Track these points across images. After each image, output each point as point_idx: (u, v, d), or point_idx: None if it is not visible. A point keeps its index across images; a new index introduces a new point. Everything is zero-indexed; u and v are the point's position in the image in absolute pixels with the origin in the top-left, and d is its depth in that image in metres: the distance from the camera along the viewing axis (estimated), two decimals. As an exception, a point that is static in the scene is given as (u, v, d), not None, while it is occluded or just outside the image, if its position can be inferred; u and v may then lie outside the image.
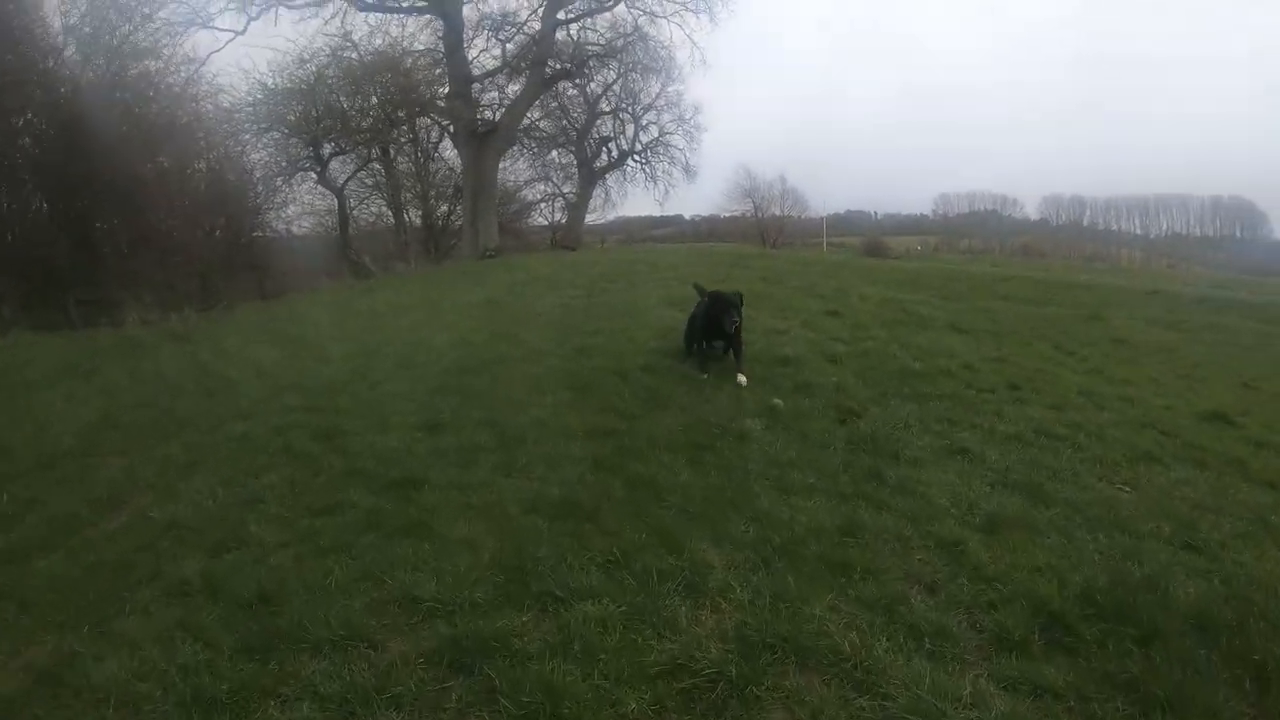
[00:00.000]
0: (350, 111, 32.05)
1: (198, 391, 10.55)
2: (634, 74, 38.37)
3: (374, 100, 32.24)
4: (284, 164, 31.25)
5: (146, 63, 24.00)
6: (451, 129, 34.26)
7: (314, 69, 30.80)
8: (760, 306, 13.05)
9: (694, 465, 6.39)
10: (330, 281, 27.30)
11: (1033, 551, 4.98)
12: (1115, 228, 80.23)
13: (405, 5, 32.60)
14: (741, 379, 8.77)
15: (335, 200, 33.66)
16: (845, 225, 76.31)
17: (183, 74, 25.34)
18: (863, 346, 11.01)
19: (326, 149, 31.76)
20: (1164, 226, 78.82)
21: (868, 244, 63.93)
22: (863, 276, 24.04)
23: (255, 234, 28.57)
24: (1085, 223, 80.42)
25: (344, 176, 34.17)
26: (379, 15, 32.61)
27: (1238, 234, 73.43)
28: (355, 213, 37.81)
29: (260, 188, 26.80)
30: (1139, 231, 79.25)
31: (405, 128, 35.73)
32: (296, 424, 7.92)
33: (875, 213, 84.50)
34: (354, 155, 33.63)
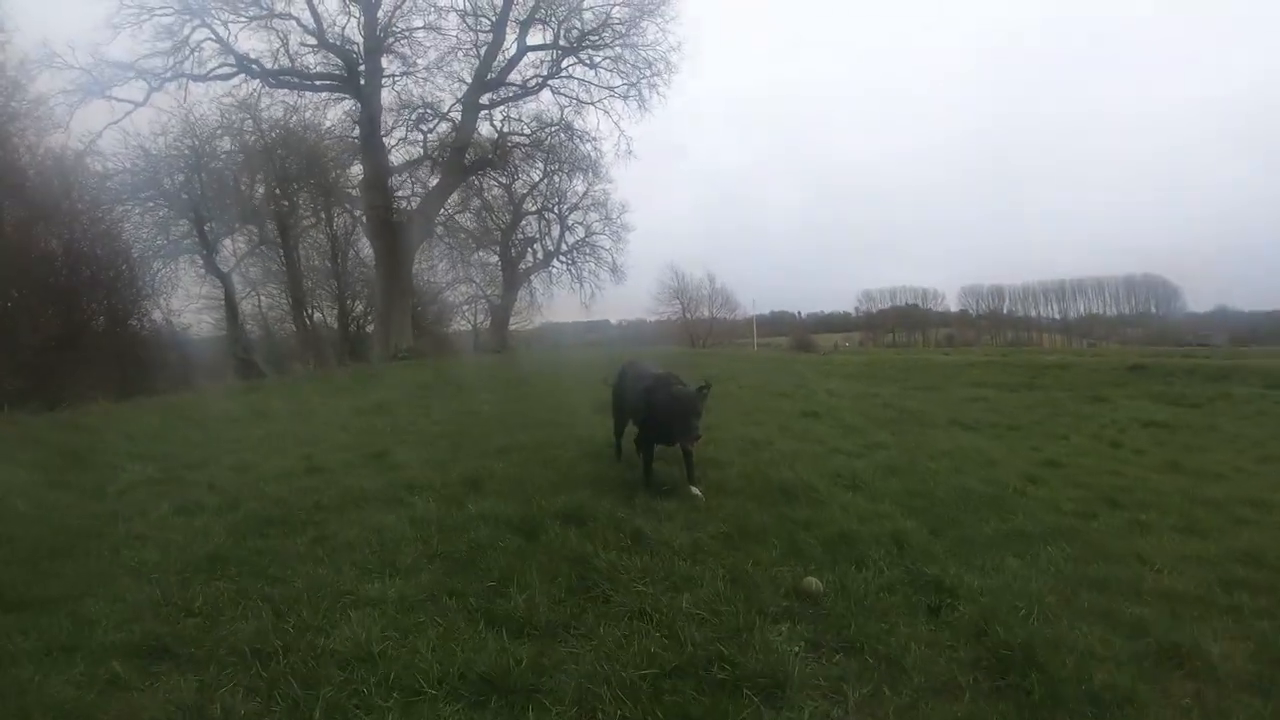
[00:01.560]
0: (240, 188, 27.93)
1: None
2: (560, 173, 35.92)
3: (271, 179, 28.13)
4: (163, 243, 26.73)
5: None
6: (365, 219, 30.50)
7: (203, 136, 26.81)
8: (719, 408, 9.71)
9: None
10: (212, 382, 22.77)
11: None
12: (1034, 313, 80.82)
13: (319, 84, 29.11)
14: (696, 492, 6.40)
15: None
16: (770, 325, 75.39)
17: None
18: (877, 459, 7.71)
19: (210, 228, 27.34)
20: (1081, 308, 79.57)
21: (796, 341, 62.85)
22: (815, 370, 21.32)
23: (130, 322, 23.93)
24: (1005, 310, 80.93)
25: (236, 264, 29.71)
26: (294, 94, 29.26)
27: (1153, 310, 74.28)
28: (261, 307, 33.60)
29: (127, 268, 22.26)
30: (1057, 316, 79.86)
31: (317, 216, 31.84)
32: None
33: (799, 312, 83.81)
34: (244, 237, 29.31)
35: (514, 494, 6.26)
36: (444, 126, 31.01)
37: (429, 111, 30.81)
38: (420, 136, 31.48)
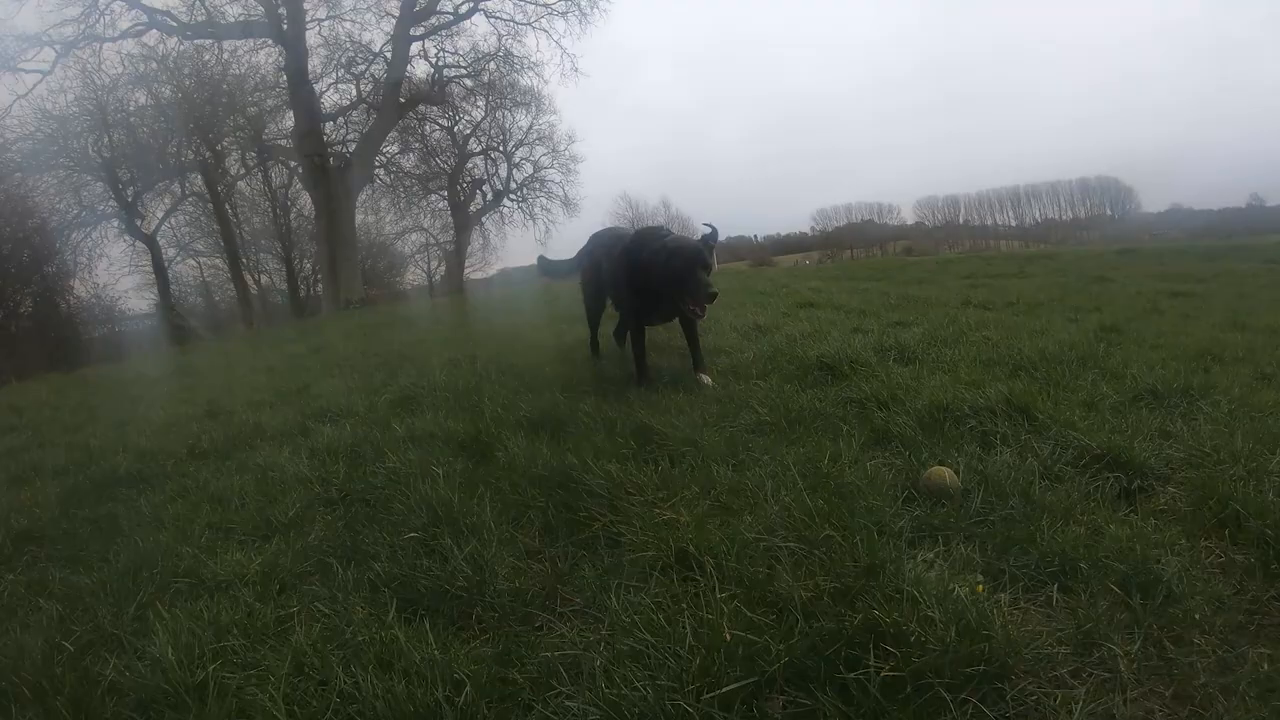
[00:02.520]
0: (155, 143, 25.10)
1: None
2: (503, 109, 33.21)
3: (190, 130, 25.31)
4: (79, 212, 23.97)
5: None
6: (300, 170, 27.86)
7: (105, 88, 23.94)
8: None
9: None
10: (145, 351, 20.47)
11: None
12: (990, 221, 79.22)
13: (240, 33, 26.16)
14: (706, 380, 4.78)
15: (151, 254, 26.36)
16: (727, 250, 73.27)
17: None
18: (914, 334, 6.10)
19: (130, 192, 24.57)
20: (1036, 214, 78.23)
21: (756, 263, 60.96)
22: (788, 275, 19.44)
23: (56, 300, 21.44)
24: (961, 220, 79.19)
25: (160, 223, 27.01)
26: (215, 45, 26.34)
27: (1109, 212, 73.12)
28: (203, 272, 30.99)
29: (39, 240, 19.67)
30: (1013, 223, 78.39)
31: (245, 167, 29.11)
32: None
33: (756, 236, 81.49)
34: (169, 196, 26.54)
35: (459, 407, 4.46)
36: (377, 67, 28.29)
37: (360, 53, 28.09)
38: (353, 80, 28.77)
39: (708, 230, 4.59)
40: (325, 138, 27.86)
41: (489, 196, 36.81)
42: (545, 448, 3.48)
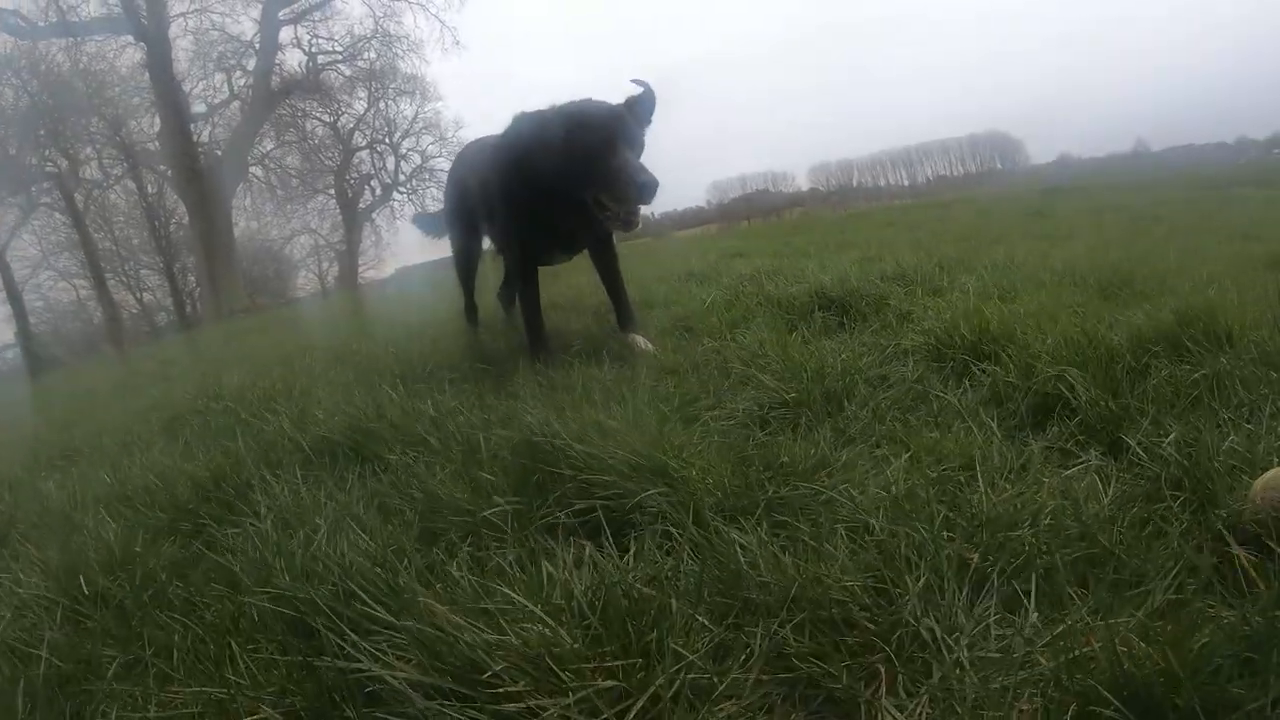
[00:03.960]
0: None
1: None
2: (385, 99, 30.49)
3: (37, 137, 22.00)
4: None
5: None
6: (169, 173, 24.72)
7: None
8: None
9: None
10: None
11: None
12: (883, 182, 79.02)
13: (97, 30, 22.89)
14: (643, 344, 2.90)
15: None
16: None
17: None
18: (904, 264, 4.06)
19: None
20: (929, 172, 78.45)
21: (655, 238, 59.22)
22: (697, 242, 17.66)
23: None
24: (854, 183, 78.75)
25: (13, 242, 23.53)
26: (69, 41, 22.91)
27: (998, 165, 73.62)
28: (79, 294, 27.29)
29: None
30: (906, 182, 78.42)
31: (105, 174, 25.74)
32: None
33: (653, 214, 79.32)
34: (14, 208, 23.06)
35: (224, 430, 2.51)
36: (250, 61, 25.32)
37: (229, 46, 25.08)
38: (224, 73, 25.71)
39: (639, 90, 2.75)
40: (196, 138, 24.90)
41: (378, 191, 34.11)
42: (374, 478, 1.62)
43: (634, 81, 2.75)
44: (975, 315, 2.39)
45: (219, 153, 25.40)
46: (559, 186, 2.64)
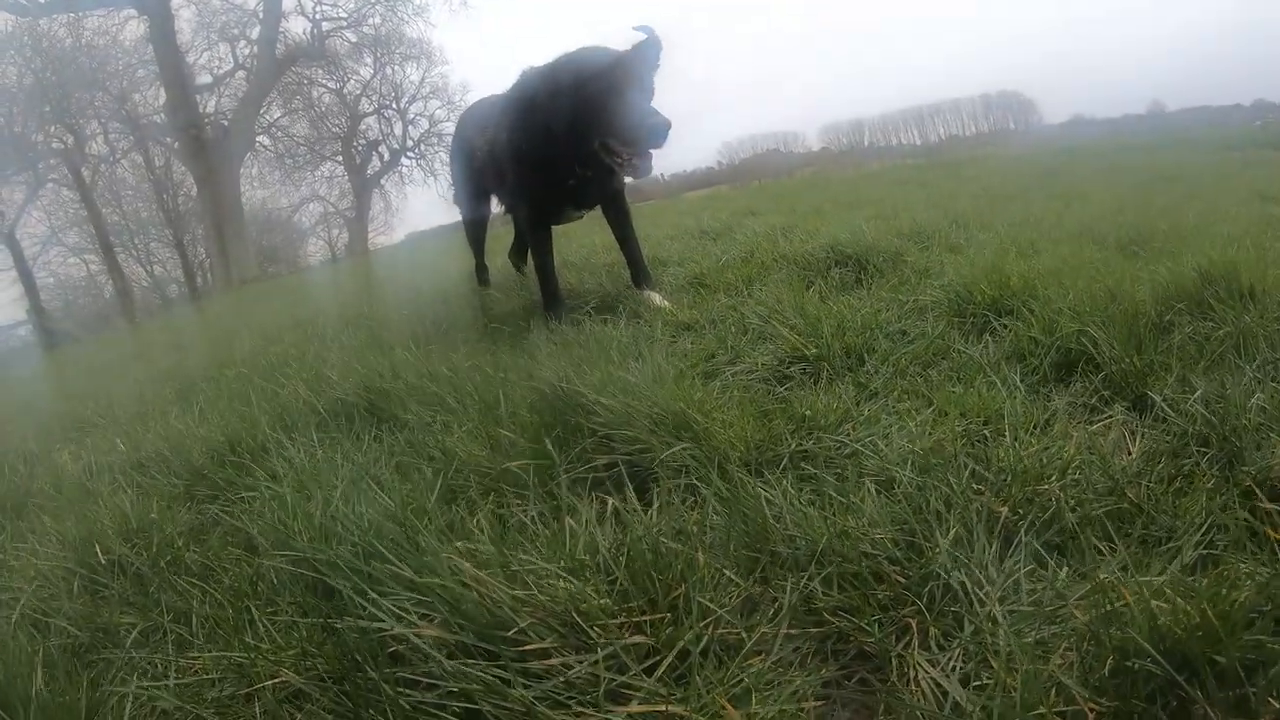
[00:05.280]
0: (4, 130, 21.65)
1: None
2: (392, 64, 29.94)
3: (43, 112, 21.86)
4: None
5: None
6: (176, 145, 24.56)
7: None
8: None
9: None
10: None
11: None
12: (895, 142, 77.63)
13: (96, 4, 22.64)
14: (657, 300, 2.84)
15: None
16: (634, 191, 71.08)
17: None
18: (919, 221, 4.25)
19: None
20: (941, 131, 77.00)
21: (665, 198, 58.71)
22: (724, 207, 17.43)
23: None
24: (866, 143, 77.38)
25: (22, 220, 23.48)
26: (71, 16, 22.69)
27: (1011, 125, 72.13)
28: (89, 269, 27.30)
29: None
30: (918, 142, 77.02)
31: (111, 148, 25.61)
32: None
33: (663, 175, 78.63)
34: (22, 181, 22.97)
35: (239, 396, 2.49)
36: (254, 30, 24.96)
37: (233, 15, 24.76)
38: (228, 44, 25.38)
39: (643, 35, 2.63)
40: (202, 109, 24.70)
41: (386, 157, 33.82)
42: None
43: (637, 29, 2.64)
44: (995, 271, 2.34)
45: (225, 123, 25.18)
46: (568, 139, 2.57)
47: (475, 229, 3.79)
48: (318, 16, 26.19)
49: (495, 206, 3.56)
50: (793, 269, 2.88)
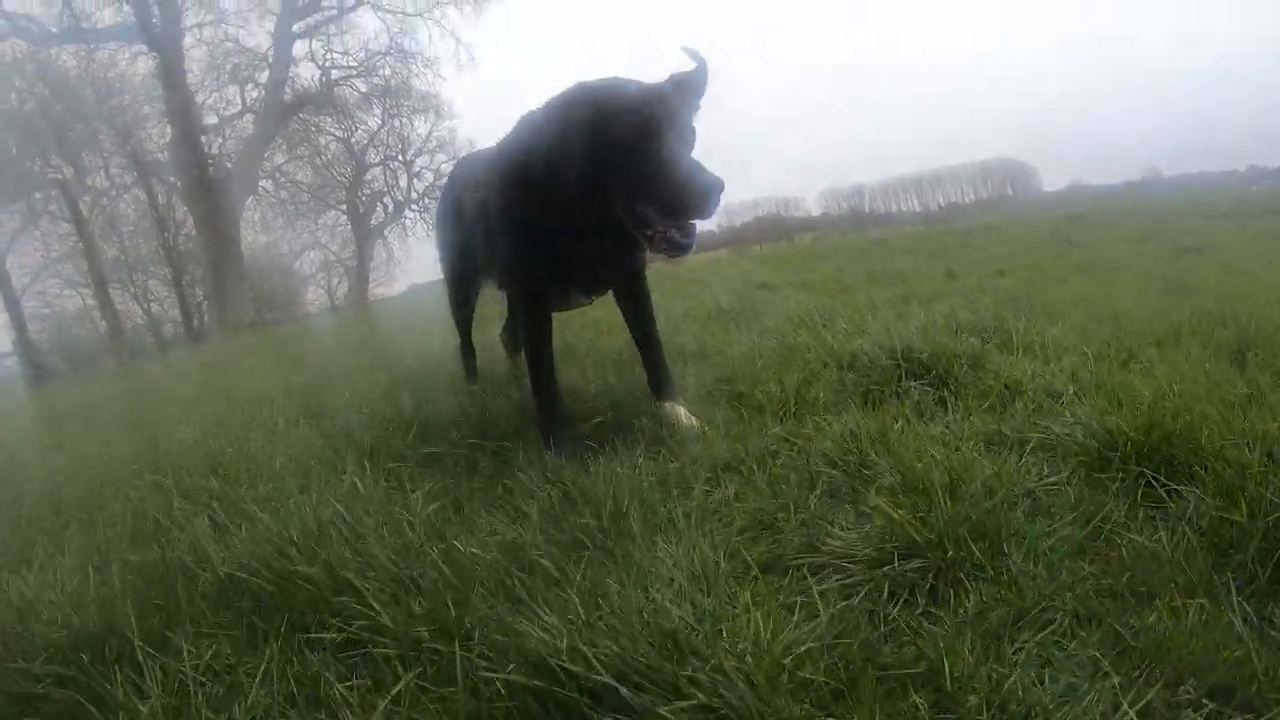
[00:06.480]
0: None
1: None
2: (400, 117, 29.82)
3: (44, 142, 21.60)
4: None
5: None
6: (179, 184, 24.31)
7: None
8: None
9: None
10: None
11: None
12: (894, 209, 78.21)
13: (108, 37, 22.60)
14: (681, 414, 2.16)
15: None
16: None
17: None
18: (976, 306, 3.63)
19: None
20: (940, 199, 77.58)
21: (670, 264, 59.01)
22: (734, 275, 17.06)
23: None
24: (866, 209, 77.98)
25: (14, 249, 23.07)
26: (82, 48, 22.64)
27: (1010, 192, 72.80)
28: (85, 302, 26.74)
29: None
30: (918, 209, 77.56)
31: (111, 181, 25.36)
32: None
33: (660, 237, 79.73)
34: (17, 210, 22.60)
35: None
36: (264, 74, 24.89)
37: (244, 58, 24.69)
38: (237, 85, 25.30)
39: (689, 65, 2.03)
40: (207, 149, 24.50)
41: (390, 208, 33.70)
42: None
43: (684, 50, 2.03)
44: (1128, 399, 1.77)
45: (229, 165, 24.99)
46: (580, 201, 1.95)
47: (461, 306, 3.16)
48: (327, 64, 26.16)
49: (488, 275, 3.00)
50: (849, 375, 2.30)
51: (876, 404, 2.05)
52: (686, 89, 1.99)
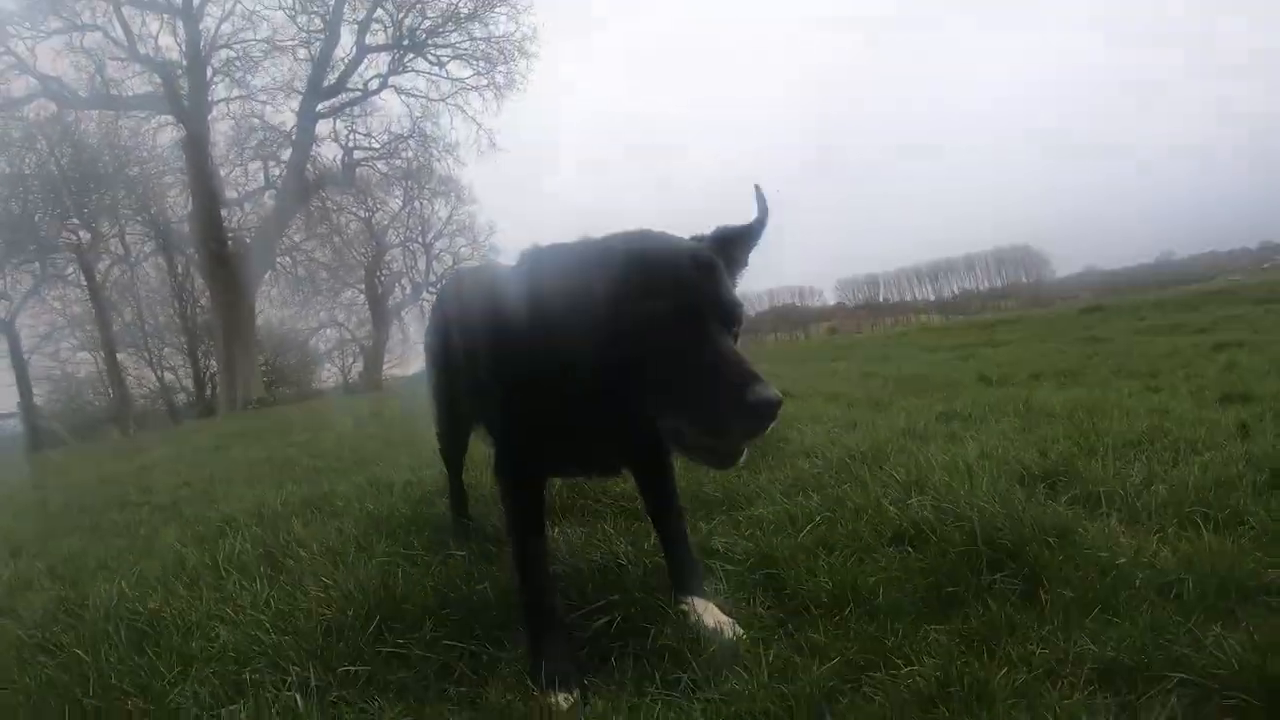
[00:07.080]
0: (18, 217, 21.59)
1: None
2: (420, 199, 30.84)
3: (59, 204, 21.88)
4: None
5: None
6: (197, 256, 24.50)
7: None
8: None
9: None
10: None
11: None
12: (909, 296, 78.91)
13: (136, 105, 23.12)
14: (712, 616, 1.68)
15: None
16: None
17: None
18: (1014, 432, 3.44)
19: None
20: (954, 286, 78.29)
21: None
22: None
23: None
24: (881, 298, 78.79)
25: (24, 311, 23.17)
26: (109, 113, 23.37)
27: (1024, 279, 73.57)
28: (100, 366, 26.79)
29: None
30: (932, 297, 78.22)
31: (126, 250, 25.66)
32: None
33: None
34: (29, 272, 22.69)
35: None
36: (287, 152, 25.45)
37: (269, 134, 25.27)
38: (260, 161, 25.80)
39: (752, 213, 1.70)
40: (227, 223, 24.77)
41: (408, 290, 33.96)
42: None
43: (756, 188, 1.70)
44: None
45: (248, 240, 25.22)
46: (594, 387, 1.53)
47: (451, 445, 2.74)
48: (350, 145, 26.69)
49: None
50: (910, 554, 1.88)
51: (951, 604, 1.63)
52: (735, 249, 1.65)
